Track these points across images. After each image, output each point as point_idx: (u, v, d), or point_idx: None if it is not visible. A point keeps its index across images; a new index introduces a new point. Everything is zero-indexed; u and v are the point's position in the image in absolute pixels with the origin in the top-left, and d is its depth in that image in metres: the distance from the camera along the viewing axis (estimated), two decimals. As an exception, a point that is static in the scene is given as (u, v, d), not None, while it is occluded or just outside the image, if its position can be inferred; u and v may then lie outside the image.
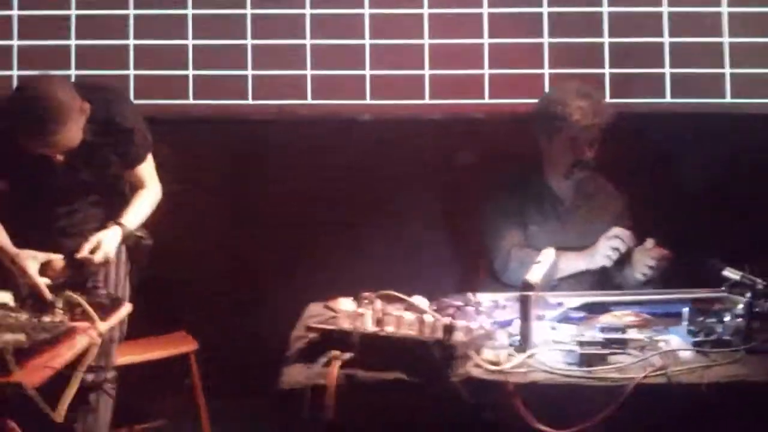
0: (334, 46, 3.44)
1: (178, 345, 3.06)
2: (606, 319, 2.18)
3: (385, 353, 1.80)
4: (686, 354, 1.91)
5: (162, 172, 2.71)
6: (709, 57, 3.47)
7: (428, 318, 1.86)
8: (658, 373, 1.78)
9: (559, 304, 2.28)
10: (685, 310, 2.09)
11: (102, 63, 3.38)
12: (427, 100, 3.46)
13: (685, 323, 2.07)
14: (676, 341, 1.99)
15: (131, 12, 3.40)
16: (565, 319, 2.18)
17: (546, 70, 3.42)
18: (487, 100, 3.43)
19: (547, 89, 3.26)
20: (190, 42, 3.42)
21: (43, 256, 2.39)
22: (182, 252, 3.21)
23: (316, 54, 3.42)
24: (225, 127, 3.45)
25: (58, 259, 2.40)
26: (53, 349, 1.93)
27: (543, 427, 1.72)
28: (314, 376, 1.76)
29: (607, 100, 3.45)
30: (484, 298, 2.28)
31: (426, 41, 3.46)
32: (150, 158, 2.65)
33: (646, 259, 2.51)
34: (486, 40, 3.44)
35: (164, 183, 2.71)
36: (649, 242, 2.53)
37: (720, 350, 1.92)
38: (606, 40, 3.51)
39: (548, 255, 2.10)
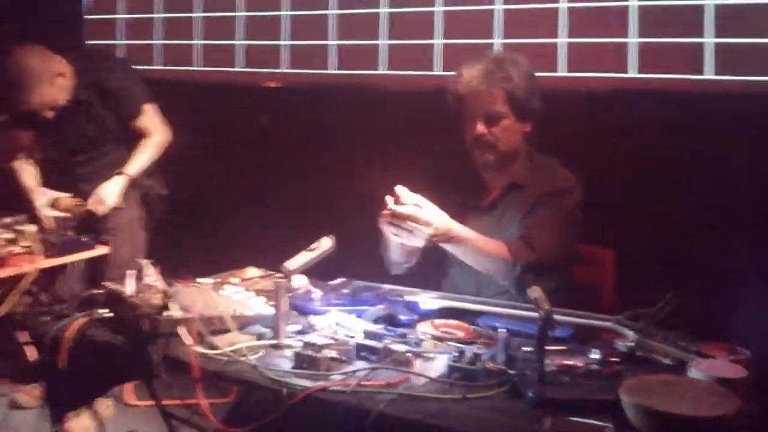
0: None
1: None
2: (423, 326, 1.88)
3: (121, 316, 1.83)
4: (419, 380, 1.59)
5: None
6: None
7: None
8: (338, 387, 1.53)
9: (413, 303, 2.02)
10: (502, 332, 1.71)
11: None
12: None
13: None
14: (440, 363, 1.66)
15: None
16: (383, 319, 1.93)
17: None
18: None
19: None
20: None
21: (53, 193, 2.88)
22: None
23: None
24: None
25: (65, 197, 2.89)
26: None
27: (214, 420, 1.61)
28: (60, 328, 1.87)
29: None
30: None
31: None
32: (150, 111, 2.97)
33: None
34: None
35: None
36: (398, 189, 1.97)
37: (457, 382, 1.56)
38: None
39: (324, 243, 1.86)
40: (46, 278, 2.60)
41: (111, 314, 1.86)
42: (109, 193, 2.88)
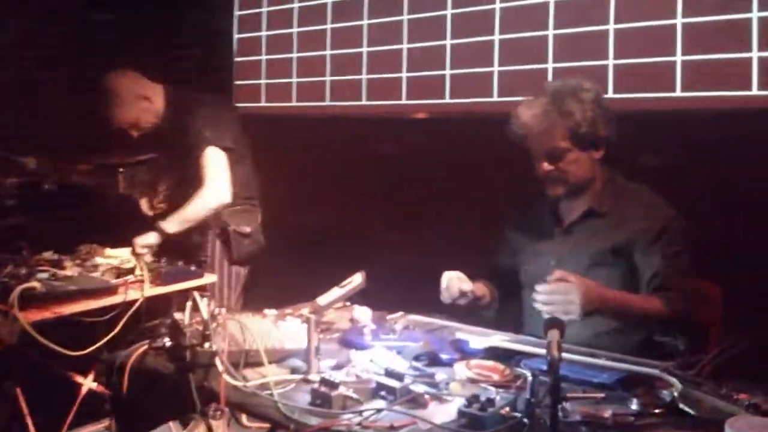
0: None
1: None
2: (458, 366, 1.81)
3: (176, 345, 1.91)
4: (426, 424, 1.52)
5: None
6: None
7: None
8: (340, 427, 1.51)
9: (462, 341, 1.96)
10: (529, 376, 1.61)
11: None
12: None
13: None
14: (455, 407, 1.57)
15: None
16: (425, 356, 1.87)
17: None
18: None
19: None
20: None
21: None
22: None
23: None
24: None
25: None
26: (74, 300, 2.55)
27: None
28: (126, 355, 2.00)
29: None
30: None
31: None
32: (212, 157, 3.02)
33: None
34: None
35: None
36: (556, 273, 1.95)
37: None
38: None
39: (355, 279, 1.82)
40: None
41: (170, 343, 1.97)
42: (142, 243, 2.98)
